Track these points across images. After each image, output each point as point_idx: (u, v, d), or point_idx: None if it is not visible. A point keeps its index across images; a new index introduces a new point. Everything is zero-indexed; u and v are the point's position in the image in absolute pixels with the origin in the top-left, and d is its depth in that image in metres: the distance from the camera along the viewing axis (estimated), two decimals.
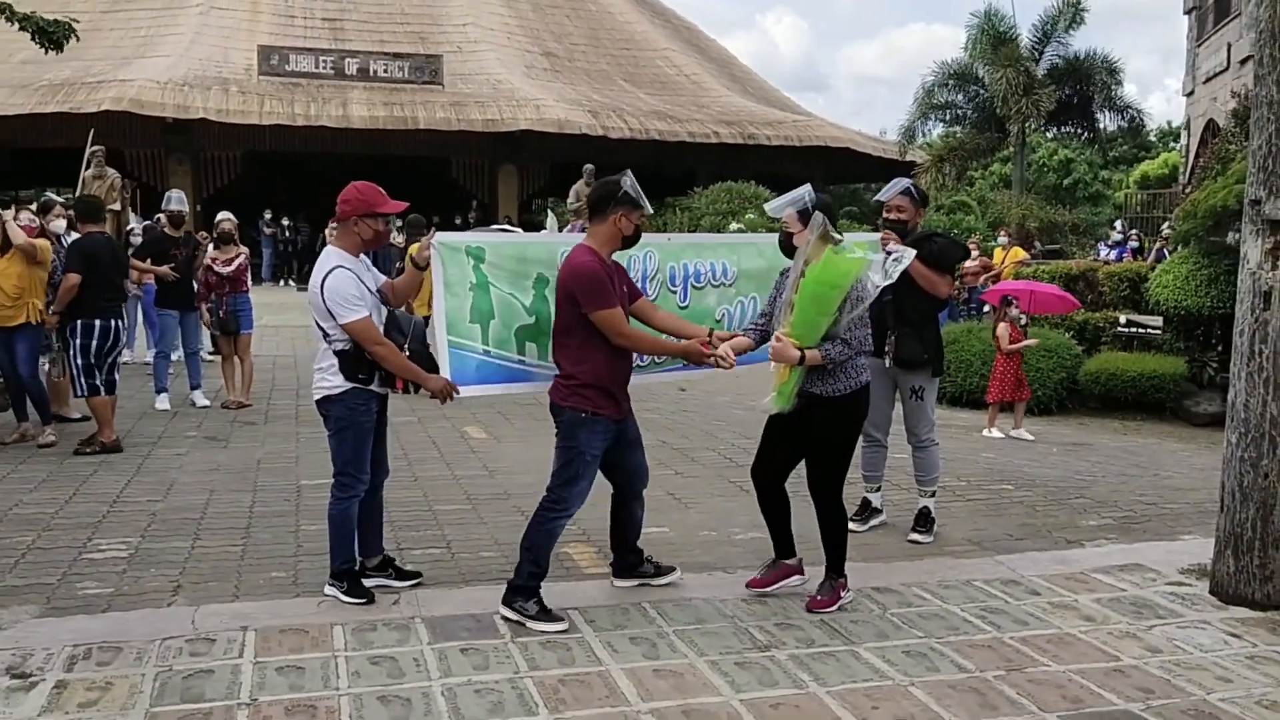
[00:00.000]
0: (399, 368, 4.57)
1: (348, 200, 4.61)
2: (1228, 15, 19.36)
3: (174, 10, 27.88)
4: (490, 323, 4.76)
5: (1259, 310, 4.69)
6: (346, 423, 4.61)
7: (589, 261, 4.44)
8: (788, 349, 4.44)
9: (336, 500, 4.65)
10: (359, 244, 4.65)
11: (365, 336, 4.47)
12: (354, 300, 4.46)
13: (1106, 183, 41.95)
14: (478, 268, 4.74)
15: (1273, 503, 4.67)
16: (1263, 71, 4.68)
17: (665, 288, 5.17)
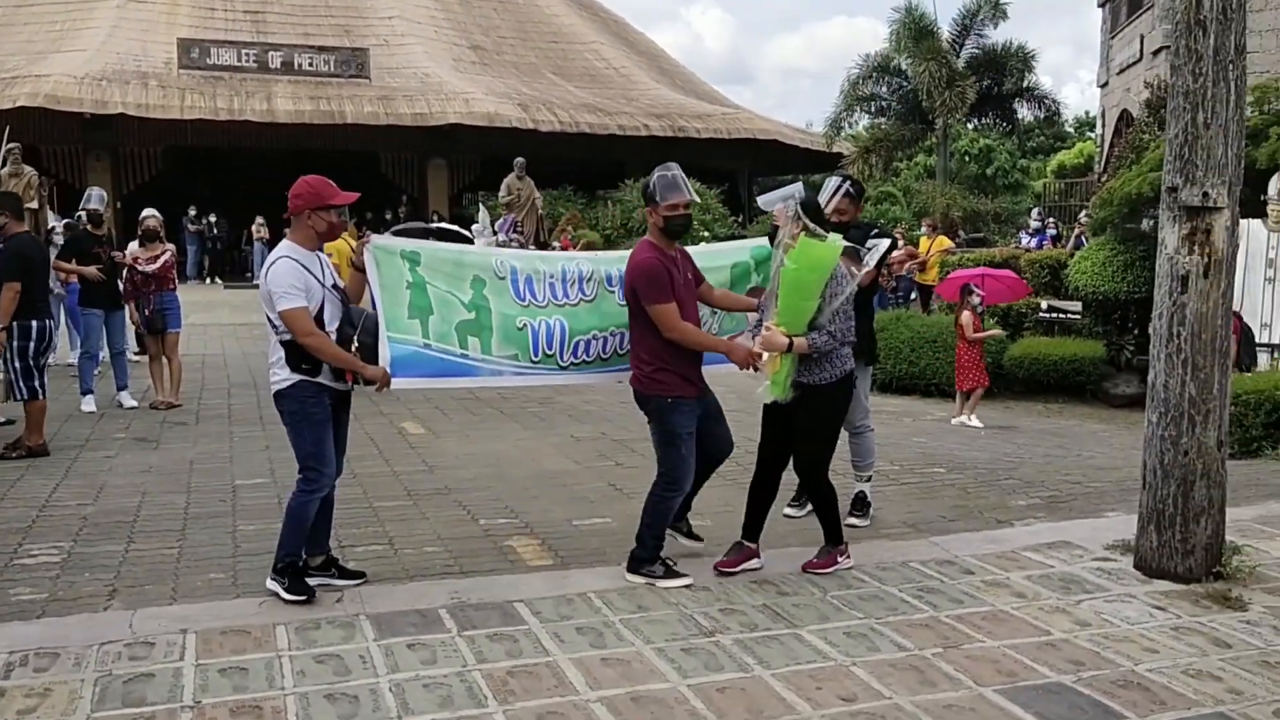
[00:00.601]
0: (333, 358, 4.54)
1: (299, 194, 4.59)
2: (1140, 8, 19.91)
3: (89, 4, 27.13)
4: (430, 318, 4.83)
5: (1177, 294, 4.87)
6: (299, 416, 4.59)
7: (647, 257, 4.77)
8: (776, 336, 4.66)
9: (299, 493, 4.62)
10: (314, 237, 4.64)
11: (296, 326, 4.45)
12: (292, 289, 4.44)
13: (1026, 172, 42.87)
14: (414, 269, 4.82)
15: (1193, 479, 4.85)
16: (1178, 62, 4.85)
17: (603, 287, 5.23)
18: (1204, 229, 4.79)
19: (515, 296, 5.03)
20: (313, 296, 4.51)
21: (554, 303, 5.10)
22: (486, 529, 5.87)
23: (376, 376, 4.67)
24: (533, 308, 5.05)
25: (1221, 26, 4.69)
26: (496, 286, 5.00)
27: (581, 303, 5.17)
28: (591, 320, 5.16)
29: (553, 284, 5.12)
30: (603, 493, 6.74)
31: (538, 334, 5.03)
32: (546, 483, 6.99)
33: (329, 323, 4.59)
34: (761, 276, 5.45)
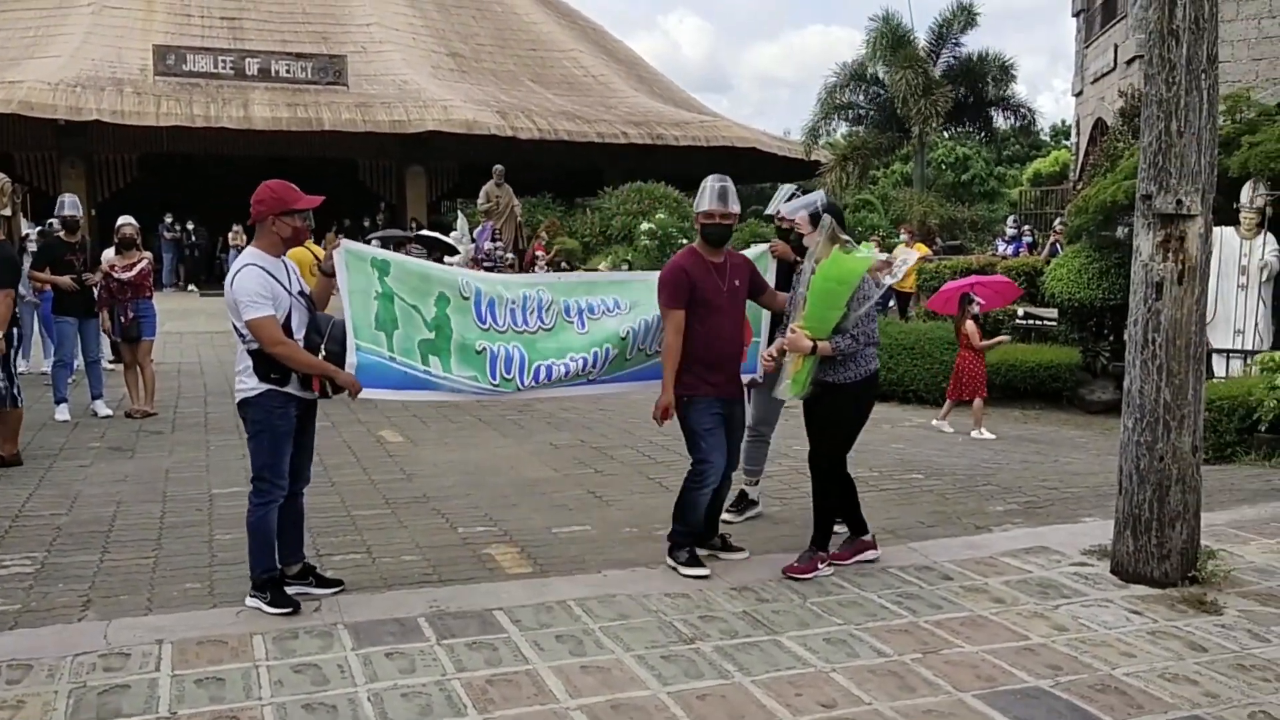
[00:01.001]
0: (303, 364, 4.49)
1: (262, 200, 4.54)
2: (1114, 18, 20.10)
3: (64, 10, 26.93)
4: (395, 332, 4.85)
5: (1151, 300, 4.91)
6: (262, 426, 4.53)
7: (672, 264, 5.13)
8: (800, 339, 4.82)
9: (254, 506, 4.56)
10: (278, 243, 4.59)
11: (264, 335, 4.40)
12: (259, 298, 4.39)
13: (1002, 180, 43.19)
14: (383, 279, 4.83)
15: (1168, 484, 4.89)
16: (1152, 71, 4.90)
17: (561, 318, 5.29)
18: (1178, 236, 4.84)
19: (477, 318, 5.07)
20: (280, 304, 4.47)
21: (513, 329, 5.15)
22: (465, 537, 5.85)
23: (349, 383, 4.62)
24: (492, 332, 5.09)
25: (1194, 36, 4.74)
26: (460, 305, 5.03)
27: (540, 331, 5.22)
28: (549, 348, 5.21)
29: (513, 310, 5.16)
30: (582, 500, 6.73)
31: (496, 358, 5.07)
32: (525, 490, 6.97)
33: (296, 330, 4.55)
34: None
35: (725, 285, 5.06)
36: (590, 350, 5.24)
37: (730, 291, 5.07)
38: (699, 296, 5.02)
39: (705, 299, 5.01)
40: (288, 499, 4.71)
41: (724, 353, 5.10)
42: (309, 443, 4.81)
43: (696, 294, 5.02)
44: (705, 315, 5.03)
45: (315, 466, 7.44)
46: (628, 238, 22.21)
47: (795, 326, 4.86)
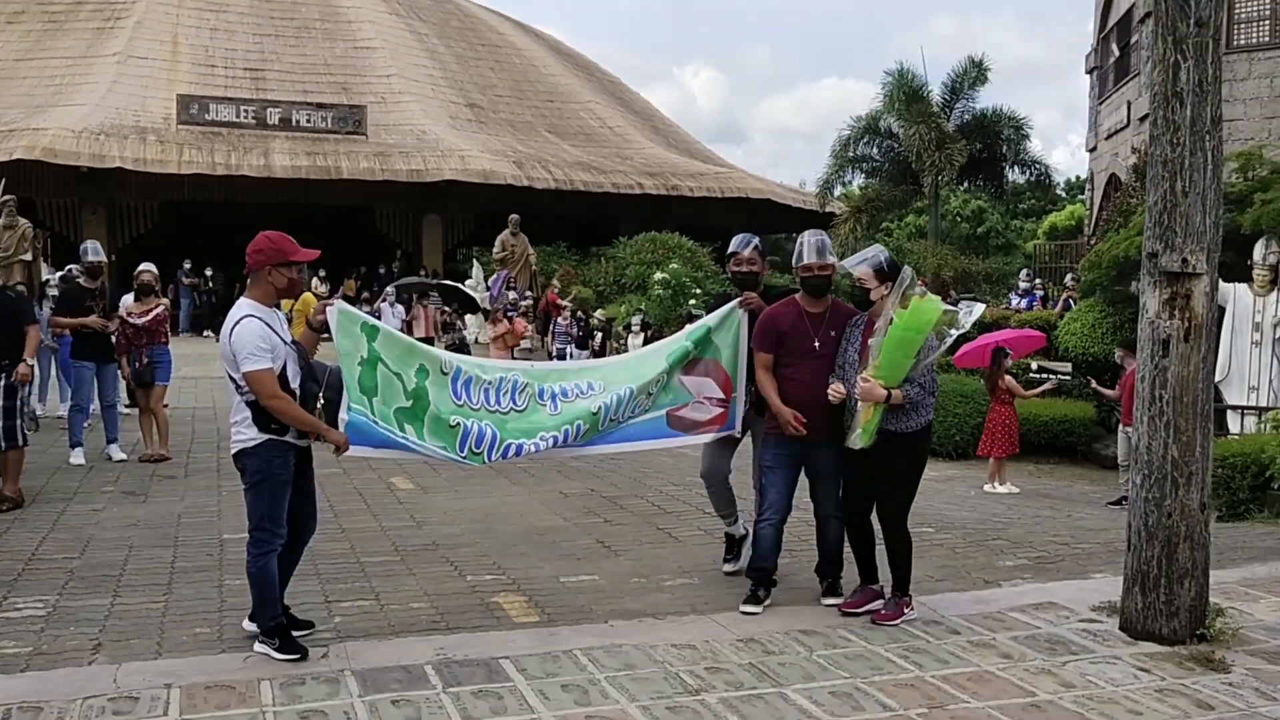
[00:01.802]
0: (295, 420, 4.51)
1: (259, 250, 4.58)
2: (1127, 75, 20.28)
3: (90, 59, 27.49)
4: (374, 399, 4.96)
5: (1159, 357, 4.93)
6: (262, 476, 4.55)
7: (767, 310, 5.44)
8: (875, 388, 4.94)
9: (254, 557, 4.57)
10: (273, 293, 4.63)
11: (261, 388, 4.42)
12: (258, 350, 4.42)
13: (1018, 233, 43.31)
14: (370, 344, 4.96)
15: (1176, 541, 4.88)
16: (1157, 132, 4.97)
17: (534, 400, 5.39)
18: (1184, 294, 4.87)
19: (453, 394, 5.17)
20: (278, 355, 4.50)
21: (486, 408, 5.24)
22: (473, 585, 5.86)
23: (338, 441, 4.65)
24: (466, 408, 5.19)
25: (1198, 99, 4.81)
26: (438, 380, 5.14)
27: (511, 412, 5.31)
28: (519, 428, 5.29)
29: (487, 390, 5.26)
30: (590, 550, 6.73)
31: (468, 433, 5.16)
32: (534, 539, 6.99)
33: (292, 379, 4.58)
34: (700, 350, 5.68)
35: (818, 335, 5.29)
36: (561, 428, 5.33)
37: (823, 342, 5.28)
38: (787, 345, 5.31)
39: (792, 346, 5.30)
40: (293, 548, 4.76)
41: (801, 398, 5.24)
42: (311, 489, 4.85)
43: (784, 342, 5.31)
44: (789, 360, 5.31)
45: (326, 513, 7.51)
46: (641, 287, 22.34)
47: (867, 375, 4.97)
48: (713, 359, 5.70)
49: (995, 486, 9.89)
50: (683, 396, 5.68)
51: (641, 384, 5.54)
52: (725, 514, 6.09)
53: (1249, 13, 16.39)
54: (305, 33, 30.20)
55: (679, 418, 5.68)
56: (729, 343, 5.70)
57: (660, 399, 5.65)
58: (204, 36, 28.88)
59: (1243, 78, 16.20)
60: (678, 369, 5.66)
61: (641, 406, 5.57)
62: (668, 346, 5.86)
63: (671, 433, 5.70)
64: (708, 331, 5.70)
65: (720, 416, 5.72)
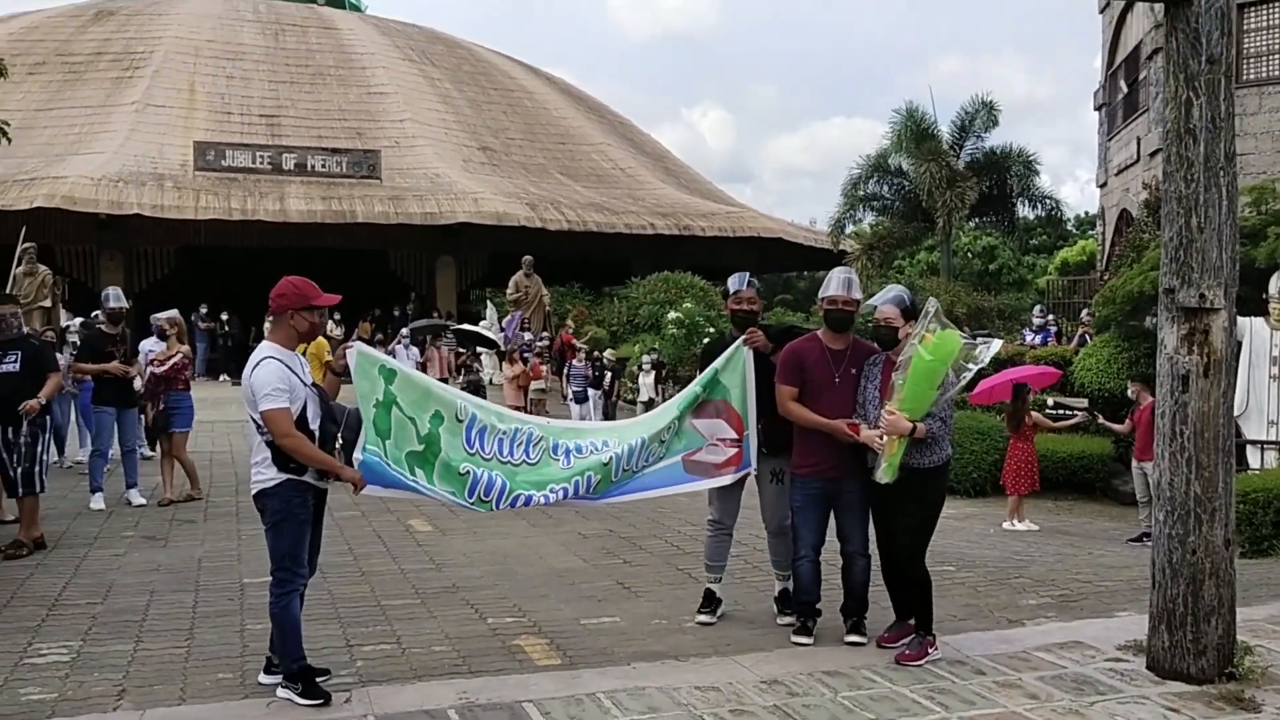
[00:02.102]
0: (310, 458, 4.57)
1: (283, 294, 4.69)
2: (1136, 111, 20.37)
3: (109, 108, 27.86)
4: (386, 442, 5.01)
5: (1178, 393, 4.93)
6: (283, 515, 4.60)
7: (790, 346, 5.50)
8: (900, 421, 4.99)
9: (277, 597, 4.59)
10: (295, 337, 4.73)
11: (277, 427, 4.50)
12: (276, 391, 4.50)
13: (1030, 269, 43.29)
14: (387, 388, 5.02)
15: (1201, 578, 4.85)
16: (1171, 168, 5.00)
17: (548, 454, 5.41)
18: (1202, 329, 4.88)
19: (465, 442, 5.20)
20: (297, 395, 4.58)
21: (498, 458, 5.27)
22: (494, 628, 5.86)
23: (354, 479, 4.72)
24: (478, 457, 5.22)
25: (1211, 135, 4.84)
26: (453, 427, 5.18)
27: (524, 464, 5.33)
28: (530, 480, 5.31)
29: (501, 440, 5.29)
30: (611, 591, 6.72)
31: (478, 481, 5.19)
32: (554, 581, 6.98)
33: (311, 420, 4.65)
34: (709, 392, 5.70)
35: (839, 372, 5.35)
36: (572, 480, 5.36)
37: (844, 378, 5.34)
38: (809, 380, 5.37)
39: (814, 381, 5.36)
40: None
41: (827, 435, 5.29)
42: (320, 531, 4.88)
43: (807, 377, 5.38)
44: (812, 397, 5.36)
45: (345, 555, 7.55)
46: (655, 326, 22.38)
47: (891, 408, 5.01)
48: (722, 399, 5.70)
49: (1015, 524, 9.83)
50: (696, 440, 5.67)
51: (653, 433, 5.59)
52: (716, 565, 6.00)
53: (1259, 48, 16.49)
54: (320, 79, 30.58)
55: (695, 462, 5.67)
56: (736, 381, 5.70)
57: (674, 445, 5.66)
58: (220, 84, 29.26)
59: (1253, 112, 16.27)
60: (688, 413, 5.69)
61: (655, 455, 5.59)
62: (680, 398, 5.90)
63: (689, 478, 5.69)
64: (715, 373, 5.71)
65: (735, 457, 5.70)
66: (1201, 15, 4.87)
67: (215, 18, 31.94)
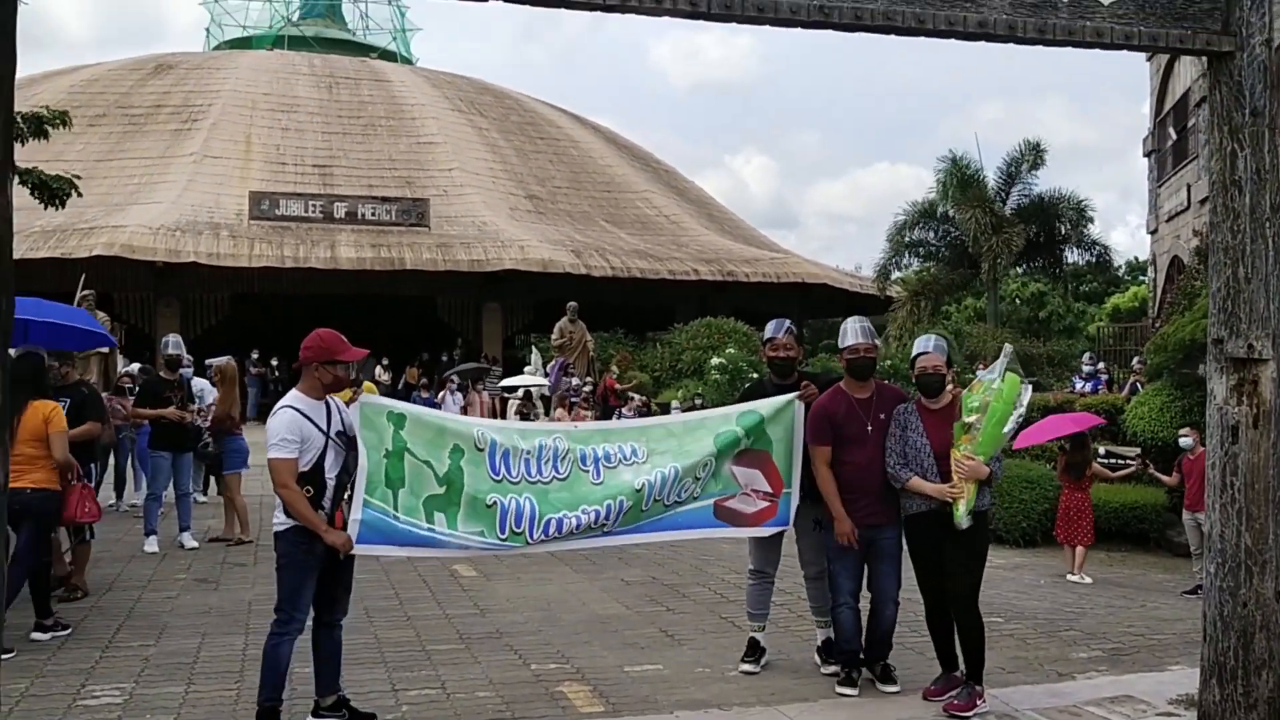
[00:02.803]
0: (297, 514, 4.61)
1: (310, 347, 4.81)
2: (1185, 158, 20.24)
3: (168, 159, 28.65)
4: (399, 490, 4.90)
5: (1228, 444, 4.88)
6: (287, 559, 4.71)
7: (818, 403, 5.51)
8: (980, 466, 5.06)
9: (271, 635, 4.72)
10: (319, 388, 4.81)
11: (275, 476, 4.60)
12: (284, 440, 4.60)
13: (1080, 316, 42.88)
14: (397, 434, 4.92)
15: (1252, 630, 4.77)
16: (1217, 219, 4.99)
17: (577, 466, 5.28)
18: (1251, 380, 4.84)
19: (490, 470, 5.06)
20: (311, 446, 4.66)
21: (526, 480, 5.12)
22: (538, 674, 5.88)
23: (335, 543, 4.67)
24: (505, 483, 5.07)
25: (1256, 186, 4.83)
26: (474, 458, 5.04)
27: (554, 480, 5.19)
28: (561, 499, 5.17)
29: (528, 460, 5.15)
30: (653, 638, 6.72)
31: (506, 511, 5.04)
32: (597, 627, 6.99)
33: (329, 470, 4.71)
34: (752, 440, 5.55)
35: (869, 420, 5.39)
36: (604, 503, 5.20)
37: (875, 425, 5.38)
38: (842, 434, 5.40)
39: (848, 434, 5.39)
40: (324, 629, 4.88)
41: (863, 483, 5.36)
42: (345, 576, 4.91)
43: (839, 432, 5.40)
44: (846, 448, 5.39)
45: (391, 600, 7.61)
46: (698, 372, 22.44)
47: (970, 454, 5.05)
48: (764, 450, 5.58)
49: (1083, 577, 9.56)
50: (732, 487, 5.56)
51: (687, 465, 5.41)
52: (759, 613, 6.00)
53: None
54: (371, 130, 31.26)
55: (726, 509, 5.56)
56: (782, 435, 5.60)
57: (710, 487, 5.52)
58: (275, 136, 30.01)
59: None
60: (728, 457, 5.53)
61: (688, 491, 5.45)
62: (717, 425, 5.65)
63: (717, 523, 5.58)
64: (761, 421, 5.58)
65: (767, 511, 5.59)
66: (1244, 68, 4.88)
67: (271, 72, 32.86)
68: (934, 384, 5.34)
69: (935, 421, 5.28)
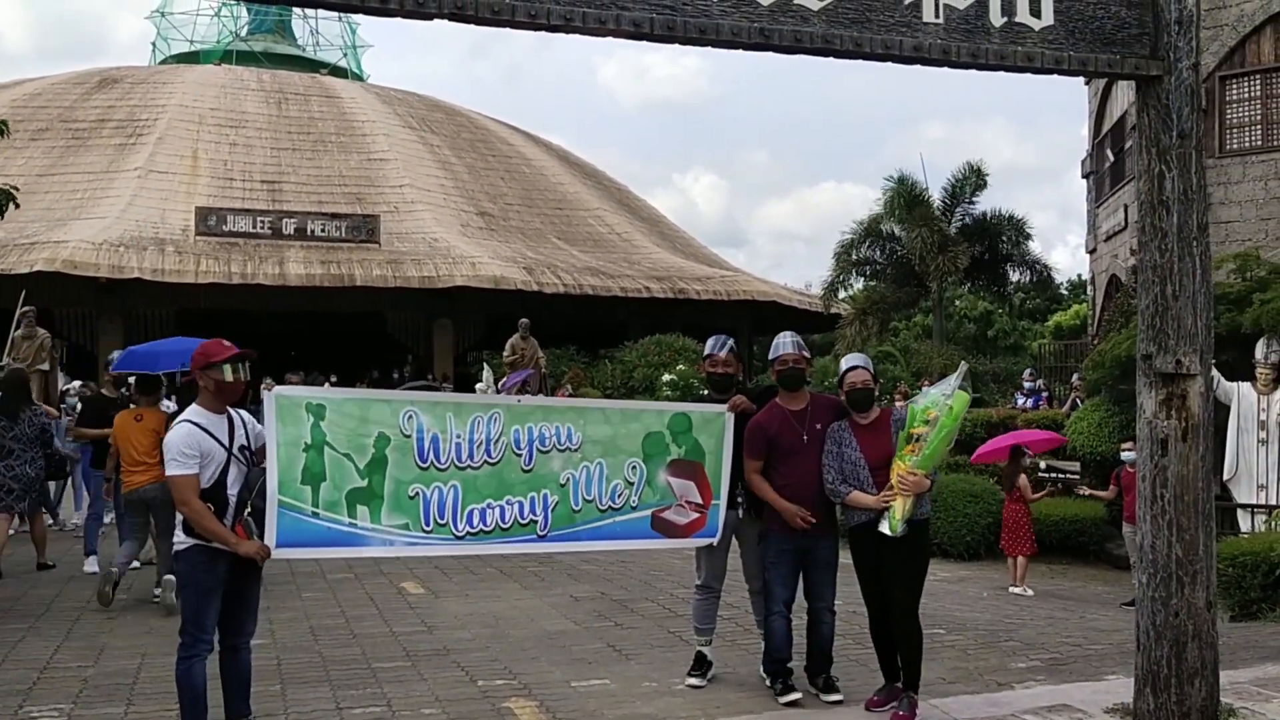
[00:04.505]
0: (204, 529, 4.51)
1: (193, 358, 4.73)
2: (1122, 179, 20.70)
3: (111, 174, 28.21)
4: (321, 484, 4.79)
5: (1158, 457, 5.02)
6: (187, 580, 4.64)
7: (753, 420, 5.55)
8: (923, 480, 5.16)
9: (179, 659, 4.61)
10: (210, 398, 4.70)
11: (176, 493, 4.52)
12: (181, 455, 4.51)
13: (1024, 333, 43.58)
14: (316, 425, 4.79)
15: (1184, 640, 4.90)
16: (1145, 239, 5.15)
17: (510, 450, 5.20)
18: (1179, 394, 4.98)
19: (418, 457, 4.96)
20: (211, 461, 4.56)
21: (455, 465, 5.04)
22: (484, 690, 5.87)
23: (249, 552, 4.58)
24: (432, 470, 4.98)
25: (1184, 207, 5.00)
26: (400, 445, 4.93)
27: (485, 465, 5.11)
28: (489, 487, 5.12)
29: (459, 444, 5.04)
30: (601, 654, 6.73)
31: (429, 502, 4.97)
32: (545, 643, 6.99)
33: (231, 486, 4.62)
34: (684, 449, 5.58)
35: (805, 430, 5.45)
36: (528, 495, 5.17)
37: (811, 436, 5.45)
38: (780, 446, 5.45)
39: (784, 447, 5.44)
40: (229, 653, 4.78)
41: (801, 494, 5.41)
42: (249, 596, 4.80)
43: (776, 445, 5.45)
44: (785, 459, 5.45)
45: (337, 618, 7.56)
46: (649, 388, 22.49)
47: (911, 469, 5.12)
48: (696, 462, 5.61)
49: (1025, 589, 9.76)
50: (668, 498, 5.58)
51: (614, 463, 5.39)
52: (705, 628, 6.03)
53: (1240, 119, 16.82)
54: (321, 146, 31.04)
55: (661, 519, 5.58)
56: (713, 447, 5.64)
57: (648, 497, 5.53)
58: (223, 151, 29.68)
59: (1238, 180, 16.56)
60: (663, 467, 5.53)
61: (623, 498, 5.44)
62: (650, 421, 5.61)
63: (653, 534, 5.61)
64: (689, 426, 5.60)
65: (697, 522, 5.63)
66: (1172, 92, 5.05)
67: (219, 86, 32.51)
68: (864, 398, 5.42)
69: (867, 436, 5.37)
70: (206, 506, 4.52)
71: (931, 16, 4.66)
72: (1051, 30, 4.88)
